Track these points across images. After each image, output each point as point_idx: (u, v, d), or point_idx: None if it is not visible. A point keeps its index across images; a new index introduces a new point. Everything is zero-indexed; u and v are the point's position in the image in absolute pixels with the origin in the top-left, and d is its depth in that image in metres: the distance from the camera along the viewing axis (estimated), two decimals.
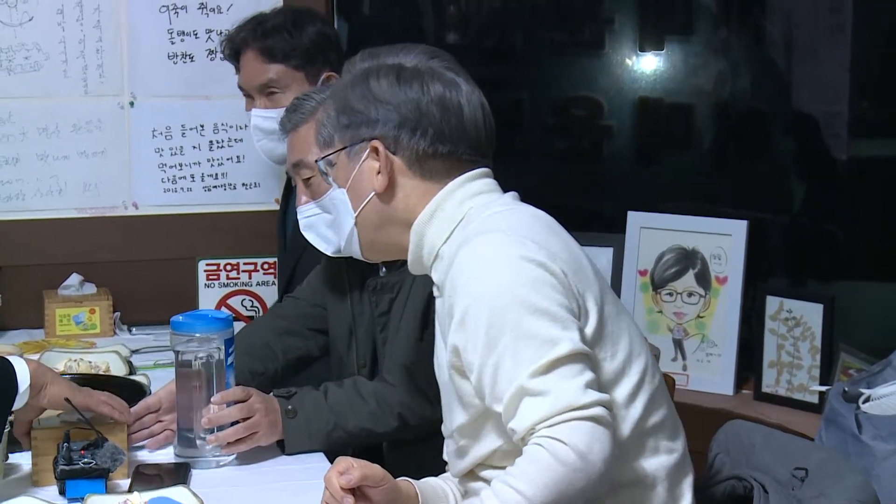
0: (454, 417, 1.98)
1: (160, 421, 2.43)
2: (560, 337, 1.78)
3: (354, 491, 1.88)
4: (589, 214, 3.80)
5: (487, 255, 1.86)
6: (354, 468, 1.87)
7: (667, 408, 2.00)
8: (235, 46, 3.11)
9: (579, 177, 3.89)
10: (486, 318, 1.80)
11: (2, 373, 2.10)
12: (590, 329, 1.87)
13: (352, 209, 2.04)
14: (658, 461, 1.94)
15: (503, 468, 1.87)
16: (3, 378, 2.10)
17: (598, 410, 1.75)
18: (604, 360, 1.89)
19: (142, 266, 3.42)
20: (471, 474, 2.00)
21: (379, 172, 1.99)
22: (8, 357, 2.14)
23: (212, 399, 2.32)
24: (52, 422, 2.24)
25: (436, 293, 2.02)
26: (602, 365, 1.88)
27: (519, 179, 2.61)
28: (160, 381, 2.63)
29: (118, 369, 2.82)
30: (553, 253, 1.88)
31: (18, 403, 2.12)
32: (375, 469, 1.91)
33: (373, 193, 2.01)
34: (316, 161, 2.13)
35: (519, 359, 1.77)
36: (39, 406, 2.19)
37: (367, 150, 2.00)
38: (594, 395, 1.76)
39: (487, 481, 1.94)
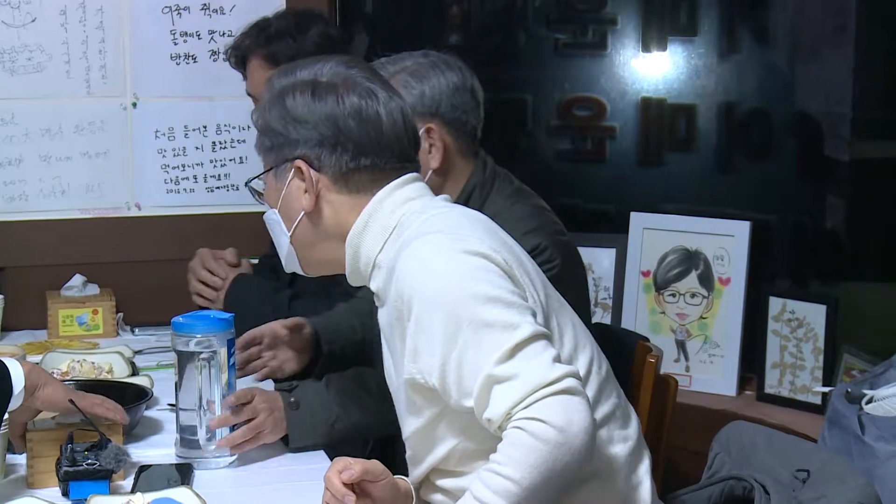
0: (406, 425, 1.98)
1: (261, 356, 2.56)
2: (518, 321, 1.79)
3: (354, 488, 1.88)
4: (592, 215, 3.80)
5: (429, 255, 1.87)
6: (354, 464, 1.88)
7: (616, 396, 2.01)
8: (241, 54, 3.11)
9: (582, 177, 3.88)
10: (441, 318, 1.81)
11: None
12: (538, 321, 1.87)
13: (285, 229, 2.06)
14: (613, 451, 1.95)
15: (459, 474, 1.88)
16: None
17: (569, 382, 1.76)
18: None
19: (145, 267, 3.43)
20: (429, 486, 2.00)
21: (306, 191, 2.01)
22: (2, 359, 2.14)
23: (222, 403, 2.32)
24: (47, 423, 2.24)
25: (377, 302, 2.02)
26: None
27: (522, 180, 2.63)
28: (163, 382, 2.64)
29: (121, 370, 2.82)
30: (493, 247, 1.89)
31: (13, 405, 2.12)
32: (375, 464, 1.91)
33: (303, 213, 2.03)
34: (245, 184, 2.15)
35: (481, 349, 1.78)
36: (34, 408, 2.19)
37: (292, 170, 2.02)
38: (562, 369, 1.77)
39: (447, 491, 1.94)
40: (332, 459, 1.99)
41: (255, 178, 2.11)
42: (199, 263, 3.16)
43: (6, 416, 2.14)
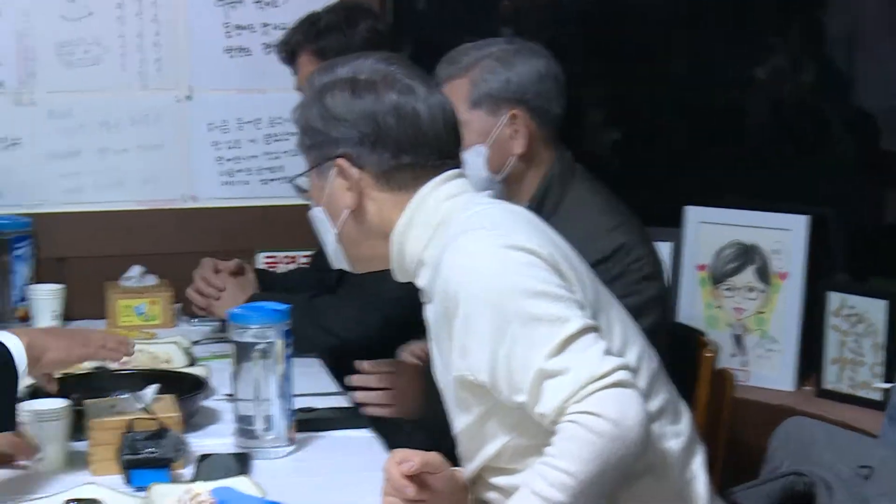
0: (456, 422, 1.98)
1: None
2: (567, 315, 1.79)
3: (414, 480, 1.88)
4: (647, 209, 3.77)
5: (475, 251, 1.86)
6: (414, 456, 1.88)
7: (666, 392, 1.99)
8: (290, 49, 3.12)
9: (636, 171, 3.87)
10: (488, 314, 1.80)
11: None
12: (587, 314, 1.86)
13: (331, 226, 2.06)
14: (666, 446, 1.94)
15: (512, 471, 1.87)
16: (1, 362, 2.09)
17: (621, 375, 1.75)
18: None
19: (201, 258, 3.43)
20: (483, 484, 1.99)
21: (349, 189, 2.01)
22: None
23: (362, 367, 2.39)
24: (102, 408, 2.26)
25: (423, 299, 2.01)
26: None
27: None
28: (220, 372, 2.66)
29: (179, 360, 2.84)
30: (538, 242, 1.89)
31: (23, 383, 2.13)
32: (434, 456, 1.91)
33: (347, 210, 2.02)
34: (289, 182, 2.15)
35: (531, 344, 1.77)
36: (43, 374, 2.21)
37: (335, 169, 2.01)
38: (614, 361, 1.76)
39: (501, 489, 1.93)
40: (390, 450, 2.00)
41: (298, 175, 2.11)
42: (198, 273, 3.15)
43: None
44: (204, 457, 2.25)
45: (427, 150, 1.99)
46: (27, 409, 2.28)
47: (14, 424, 2.18)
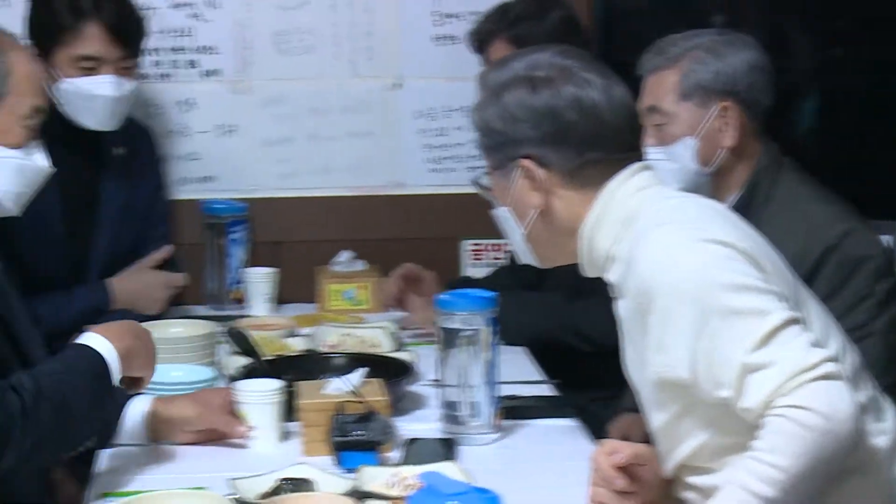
0: (651, 419, 1.95)
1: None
2: (769, 307, 1.74)
3: (623, 471, 1.87)
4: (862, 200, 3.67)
5: (668, 246, 1.82)
6: (624, 447, 1.87)
7: (869, 389, 1.92)
8: (482, 38, 3.13)
9: (852, 163, 3.76)
10: (687, 309, 1.76)
11: (93, 361, 2.13)
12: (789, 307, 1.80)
13: (518, 226, 2.03)
14: (872, 443, 1.86)
15: (710, 470, 1.83)
16: (94, 366, 2.13)
17: (828, 367, 1.70)
18: None
19: (408, 244, 3.49)
20: (681, 483, 1.95)
21: (535, 189, 1.98)
22: (89, 338, 2.15)
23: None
24: (313, 390, 2.32)
25: (613, 294, 1.98)
26: None
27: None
28: (427, 358, 2.69)
29: (386, 345, 2.88)
30: (734, 234, 1.84)
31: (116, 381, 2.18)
32: (645, 447, 1.89)
33: (534, 211, 1.99)
34: (473, 184, 2.12)
35: (733, 338, 1.73)
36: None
37: (518, 170, 1.98)
38: (820, 353, 1.72)
39: (699, 489, 1.90)
40: (599, 440, 1.99)
41: (481, 176, 2.08)
42: (396, 273, 3.19)
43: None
44: (411, 441, 2.29)
45: (611, 144, 1.96)
46: (243, 388, 2.36)
47: (109, 434, 2.26)
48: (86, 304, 3.07)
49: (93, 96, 3.00)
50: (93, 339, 2.14)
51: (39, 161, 2.32)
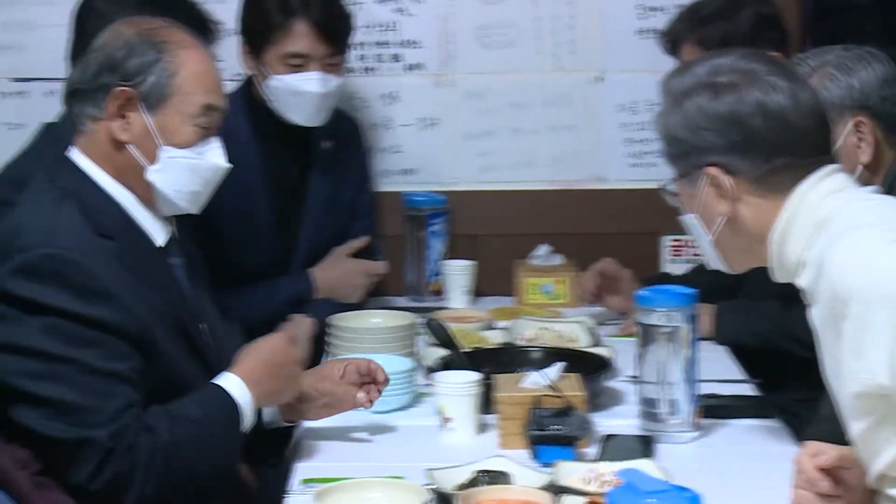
0: (848, 427, 1.86)
1: None
2: None
3: (828, 474, 1.82)
4: None
5: (864, 250, 1.75)
6: (829, 450, 1.81)
7: None
8: (672, 39, 3.08)
9: None
10: (886, 314, 1.69)
11: (231, 416, 2.17)
12: None
13: (706, 233, 1.99)
14: None
15: None
16: (231, 421, 2.17)
17: None
18: None
19: (607, 239, 3.46)
20: (882, 496, 1.87)
21: (722, 197, 1.92)
22: (231, 384, 2.19)
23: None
24: (510, 383, 2.32)
25: (806, 300, 1.90)
26: None
27: None
28: (624, 354, 2.67)
29: (584, 339, 2.87)
30: None
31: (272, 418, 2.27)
32: (850, 450, 1.83)
33: (722, 218, 1.94)
34: (660, 190, 2.07)
35: None
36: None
37: (705, 178, 1.93)
38: None
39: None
40: (802, 442, 1.94)
41: (667, 184, 2.04)
42: (595, 267, 3.18)
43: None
44: (608, 437, 2.28)
45: (800, 149, 1.90)
46: (441, 380, 2.38)
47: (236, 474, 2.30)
48: (290, 294, 3.15)
49: (300, 93, 3.06)
50: (234, 384, 2.19)
51: (214, 159, 2.29)
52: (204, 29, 2.75)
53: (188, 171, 2.25)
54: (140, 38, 2.22)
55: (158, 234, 2.28)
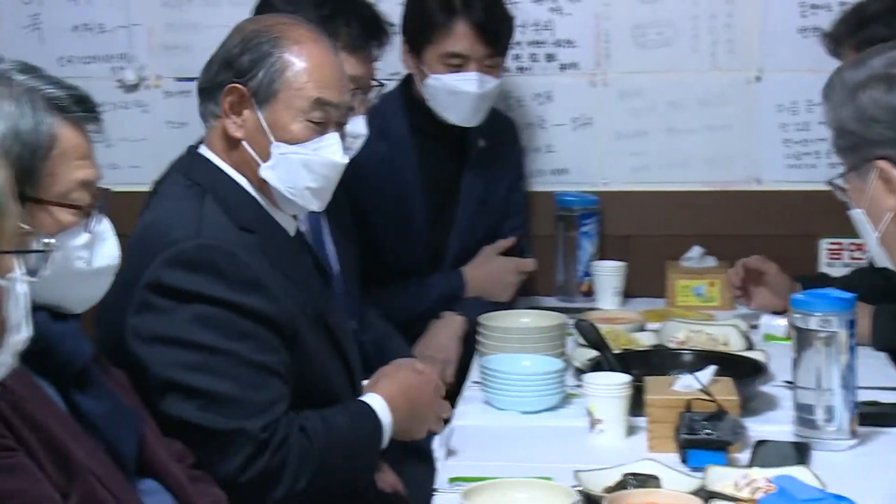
0: None
1: None
2: None
3: None
4: None
5: None
6: None
7: None
8: (833, 41, 2.99)
9: None
10: None
11: (375, 436, 2.21)
12: None
13: (872, 229, 1.94)
14: None
15: None
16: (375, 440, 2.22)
17: None
18: None
19: (762, 241, 3.39)
20: None
21: (891, 192, 1.87)
22: (376, 404, 2.23)
23: None
24: (661, 386, 2.30)
25: None
26: None
27: None
28: (778, 359, 2.62)
29: (737, 343, 2.81)
30: None
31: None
32: None
33: (889, 213, 1.89)
34: (828, 183, 2.03)
35: None
36: None
37: (875, 171, 1.88)
38: None
39: None
40: None
41: (836, 177, 2.01)
42: (742, 262, 3.13)
43: None
44: (761, 443, 2.23)
45: None
46: (590, 381, 2.36)
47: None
48: (442, 292, 3.16)
49: (457, 92, 3.08)
50: (379, 405, 2.22)
51: (329, 155, 2.23)
52: (378, 29, 2.78)
53: (301, 167, 2.22)
54: (255, 34, 2.22)
55: (289, 228, 2.29)
